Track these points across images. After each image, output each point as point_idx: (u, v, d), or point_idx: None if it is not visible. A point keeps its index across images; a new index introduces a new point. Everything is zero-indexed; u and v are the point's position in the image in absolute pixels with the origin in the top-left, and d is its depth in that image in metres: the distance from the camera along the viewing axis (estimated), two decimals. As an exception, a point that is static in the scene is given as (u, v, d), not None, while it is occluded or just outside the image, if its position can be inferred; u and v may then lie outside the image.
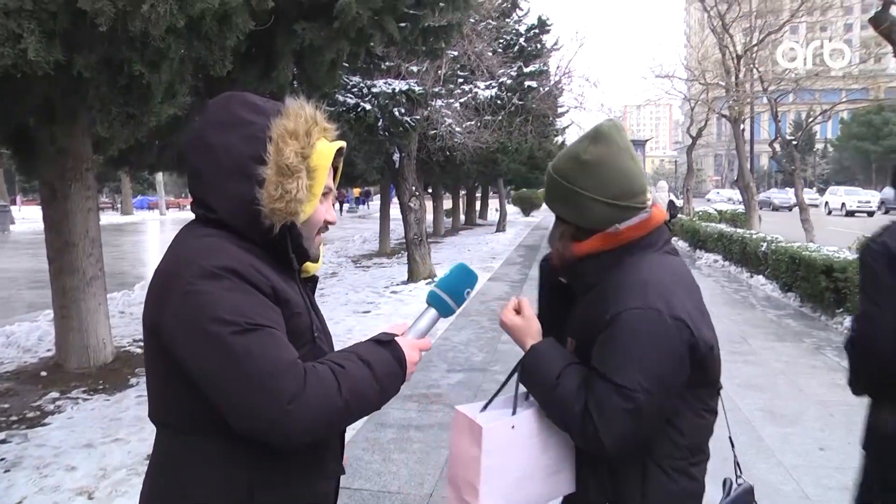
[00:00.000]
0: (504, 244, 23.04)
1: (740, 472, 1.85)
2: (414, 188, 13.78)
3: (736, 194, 38.15)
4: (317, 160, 1.50)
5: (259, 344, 1.34)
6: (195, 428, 1.46)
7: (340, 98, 11.30)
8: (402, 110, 12.20)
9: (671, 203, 20.63)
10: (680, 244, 20.54)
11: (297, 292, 1.54)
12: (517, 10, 23.63)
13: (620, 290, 1.63)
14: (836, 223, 29.09)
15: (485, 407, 1.77)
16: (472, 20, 14.43)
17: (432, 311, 1.69)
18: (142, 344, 7.98)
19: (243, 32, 4.52)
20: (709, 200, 51.13)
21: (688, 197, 27.90)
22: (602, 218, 1.69)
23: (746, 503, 1.80)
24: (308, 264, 1.61)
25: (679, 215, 22.77)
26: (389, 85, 12.17)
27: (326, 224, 1.63)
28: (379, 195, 26.31)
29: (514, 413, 1.73)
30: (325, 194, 1.57)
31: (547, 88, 22.35)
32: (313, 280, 1.72)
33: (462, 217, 35.73)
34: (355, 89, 11.87)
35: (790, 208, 41.21)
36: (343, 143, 1.61)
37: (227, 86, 6.10)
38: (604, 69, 49.82)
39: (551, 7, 32.45)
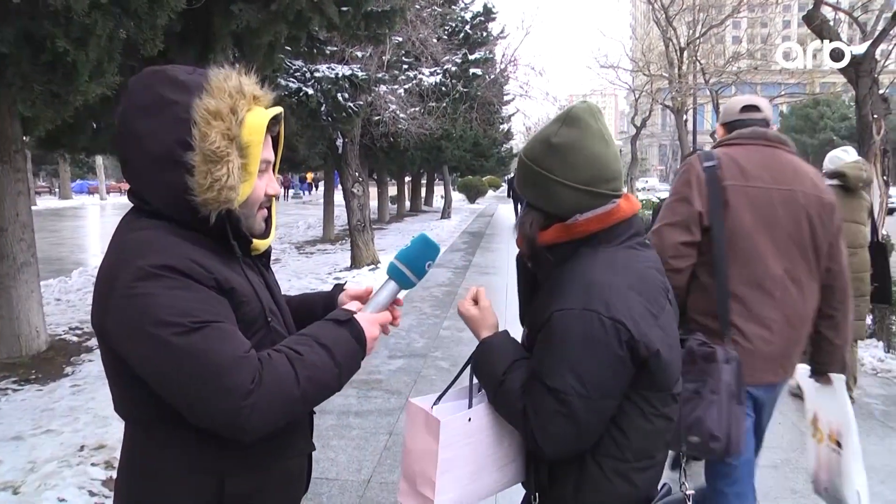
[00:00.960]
0: (449, 231, 23.06)
1: (685, 477, 1.84)
2: (357, 174, 13.68)
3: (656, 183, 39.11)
4: (248, 136, 1.41)
5: (205, 341, 1.30)
6: (160, 420, 1.42)
7: (282, 82, 11.10)
8: (346, 95, 12.07)
9: None
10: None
11: (244, 278, 1.49)
12: (463, -4, 23.61)
13: (564, 287, 1.60)
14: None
15: (438, 399, 1.74)
16: (416, 6, 14.35)
17: (392, 284, 1.65)
18: (78, 332, 7.82)
19: (175, 11, 4.39)
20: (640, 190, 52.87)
21: (631, 186, 28.39)
22: (572, 204, 1.63)
23: None
24: (256, 242, 1.54)
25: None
26: (332, 70, 12.03)
27: (269, 197, 1.55)
28: (323, 181, 26.06)
29: (469, 406, 1.72)
30: (262, 170, 1.49)
31: (492, 76, 22.40)
32: (266, 254, 1.65)
33: (407, 203, 35.63)
34: (298, 73, 11.69)
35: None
36: (279, 110, 1.51)
37: (161, 64, 5.95)
38: (549, 58, 50.20)
39: (497, -6, 32.47)
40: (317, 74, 11.71)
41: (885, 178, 9.94)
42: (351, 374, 1.49)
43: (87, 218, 31.61)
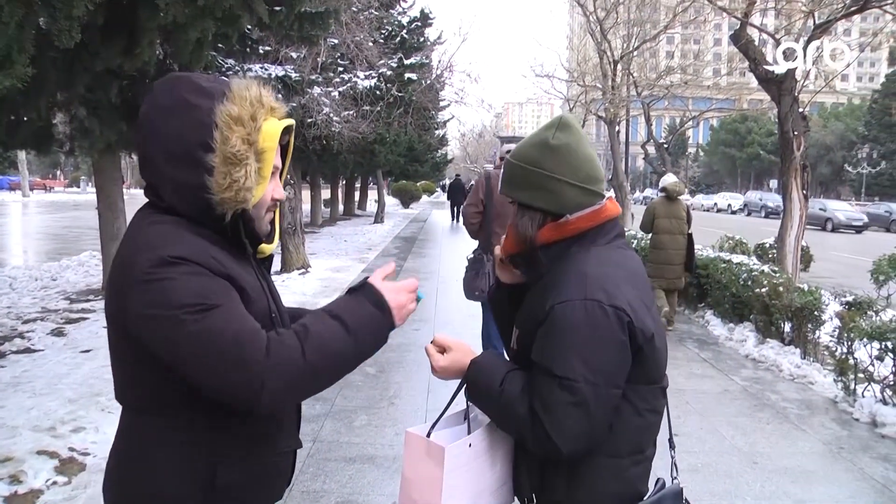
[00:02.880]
0: (381, 235, 22.97)
1: (676, 472, 1.84)
2: (289, 176, 13.46)
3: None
4: (263, 142, 1.51)
5: (220, 320, 1.38)
6: (159, 409, 1.52)
7: (213, 80, 10.89)
8: (279, 97, 11.86)
9: None
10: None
11: (255, 277, 1.58)
12: (401, 1, 23.57)
13: (561, 282, 1.64)
14: (710, 222, 30.58)
15: (432, 427, 1.74)
16: (353, 8, 14.24)
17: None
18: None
19: (94, 2, 4.21)
20: None
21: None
22: (574, 201, 1.71)
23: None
24: (263, 245, 1.63)
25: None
26: (266, 70, 11.86)
27: (275, 201, 1.65)
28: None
29: (469, 432, 1.75)
30: (272, 173, 1.59)
31: (428, 82, 22.40)
32: (269, 259, 1.74)
33: (341, 207, 35.34)
34: (230, 72, 11.46)
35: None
36: (291, 122, 1.62)
37: (85, 59, 5.73)
38: (485, 65, 50.61)
39: (435, 1, 32.58)
40: (249, 74, 11.50)
41: (804, 192, 10.34)
42: (374, 339, 1.54)
43: (9, 216, 30.30)
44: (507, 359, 1.80)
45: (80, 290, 10.23)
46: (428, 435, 1.73)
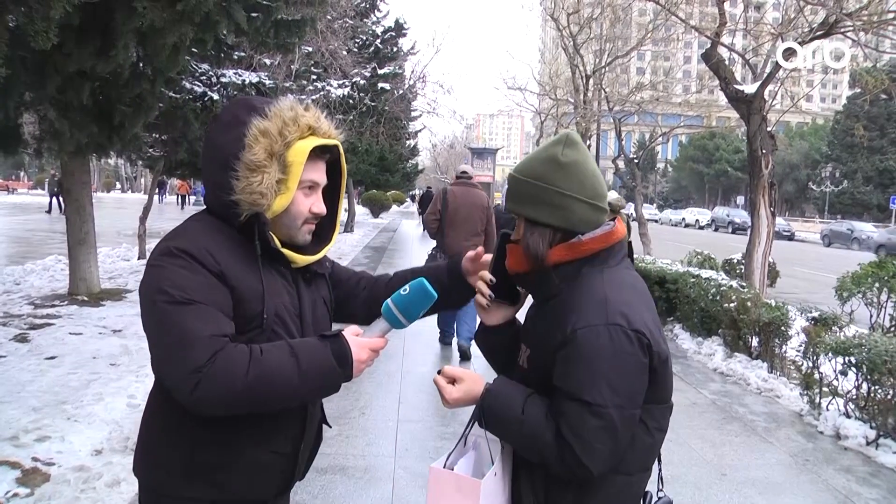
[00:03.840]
0: (351, 245, 22.85)
1: (662, 485, 1.86)
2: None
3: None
4: (292, 157, 1.67)
5: (184, 315, 1.53)
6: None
7: (187, 85, 10.78)
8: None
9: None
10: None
11: (258, 279, 1.69)
12: (376, 10, 23.65)
13: (581, 306, 1.64)
14: (678, 237, 31.16)
15: (447, 460, 1.74)
16: (328, 17, 14.25)
17: (383, 323, 1.75)
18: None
19: (71, 4, 4.16)
20: None
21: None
22: (583, 217, 1.72)
23: None
24: (294, 255, 1.76)
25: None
26: (240, 76, 11.76)
27: (315, 215, 1.78)
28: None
29: (493, 462, 1.74)
30: (310, 187, 1.76)
31: (401, 92, 22.45)
32: (310, 270, 1.86)
33: (311, 216, 35.12)
34: (203, 77, 11.37)
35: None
36: (333, 142, 1.77)
37: (57, 60, 5.66)
38: (458, 77, 50.88)
39: (409, 11, 32.66)
40: (223, 79, 11.43)
41: (771, 209, 10.52)
42: (320, 387, 1.65)
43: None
44: (518, 382, 1.77)
45: (44, 296, 10.02)
46: (446, 467, 1.73)
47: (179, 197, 46.28)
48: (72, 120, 7.10)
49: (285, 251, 1.74)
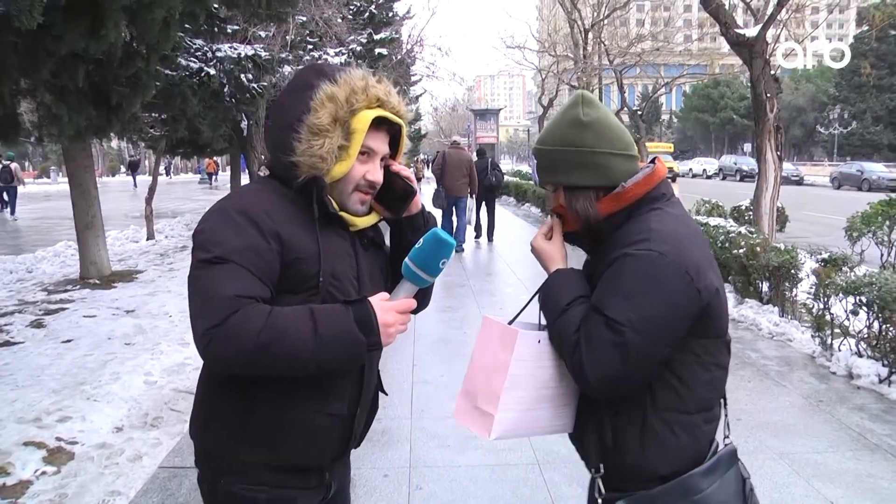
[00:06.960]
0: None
1: (729, 431, 1.83)
2: (263, 157, 13.38)
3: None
4: (356, 124, 1.68)
5: (214, 274, 1.55)
6: None
7: (183, 62, 10.72)
8: (249, 76, 11.76)
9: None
10: (533, 209, 21.16)
11: (315, 240, 1.67)
12: (368, -24, 23.29)
13: (627, 237, 1.66)
14: (686, 187, 30.82)
15: (510, 322, 1.77)
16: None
17: (408, 284, 1.71)
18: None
19: (58, -18, 4.12)
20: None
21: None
22: (622, 169, 1.73)
23: (731, 465, 1.76)
24: (352, 218, 1.75)
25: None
26: (235, 49, 11.69)
27: (369, 183, 1.76)
28: (230, 166, 25.37)
29: (539, 328, 1.77)
30: (368, 154, 1.74)
31: (399, 57, 22.25)
32: (368, 235, 1.85)
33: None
34: (199, 53, 11.31)
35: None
36: (391, 116, 1.76)
37: (48, 43, 5.61)
38: (455, 38, 50.35)
39: (402, -25, 32.16)
40: (219, 54, 11.37)
41: (778, 153, 10.43)
42: (340, 351, 1.58)
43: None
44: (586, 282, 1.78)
45: (57, 281, 10.10)
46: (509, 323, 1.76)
47: (208, 175, 47.62)
48: (69, 104, 7.07)
49: (343, 214, 1.74)
